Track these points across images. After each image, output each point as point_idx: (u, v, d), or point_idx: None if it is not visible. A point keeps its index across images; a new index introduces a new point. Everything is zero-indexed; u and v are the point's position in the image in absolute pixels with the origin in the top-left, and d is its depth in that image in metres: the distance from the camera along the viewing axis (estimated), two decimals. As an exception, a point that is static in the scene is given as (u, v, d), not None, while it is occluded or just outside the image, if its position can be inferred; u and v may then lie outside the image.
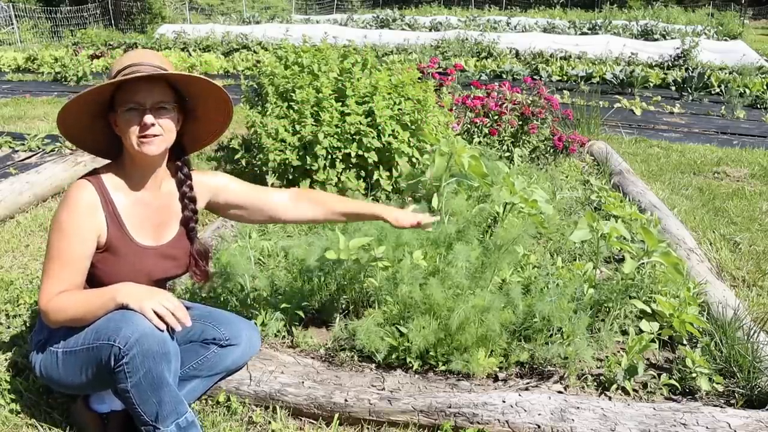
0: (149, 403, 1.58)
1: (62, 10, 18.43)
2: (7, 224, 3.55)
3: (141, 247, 1.74)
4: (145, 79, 1.64)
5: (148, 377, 1.55)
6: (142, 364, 1.53)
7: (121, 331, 1.53)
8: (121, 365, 1.54)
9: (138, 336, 1.52)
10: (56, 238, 1.63)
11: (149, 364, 1.54)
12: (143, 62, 1.66)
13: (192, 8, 23.17)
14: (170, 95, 1.70)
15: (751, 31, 21.48)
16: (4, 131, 5.70)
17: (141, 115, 1.63)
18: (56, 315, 1.61)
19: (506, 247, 2.32)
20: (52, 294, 1.61)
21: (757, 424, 1.78)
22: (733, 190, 4.50)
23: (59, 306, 1.61)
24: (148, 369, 1.54)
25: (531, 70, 10.97)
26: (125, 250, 1.71)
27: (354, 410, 1.90)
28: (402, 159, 3.51)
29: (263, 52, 12.02)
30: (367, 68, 3.90)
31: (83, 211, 1.63)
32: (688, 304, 2.37)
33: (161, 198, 1.81)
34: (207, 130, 1.89)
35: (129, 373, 1.54)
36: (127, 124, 1.64)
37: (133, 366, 1.53)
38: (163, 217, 1.81)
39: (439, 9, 24.85)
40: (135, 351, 1.52)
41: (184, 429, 1.64)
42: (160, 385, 1.57)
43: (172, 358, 1.59)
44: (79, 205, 1.64)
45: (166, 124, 1.68)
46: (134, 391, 1.56)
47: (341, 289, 2.42)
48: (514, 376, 2.15)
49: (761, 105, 8.40)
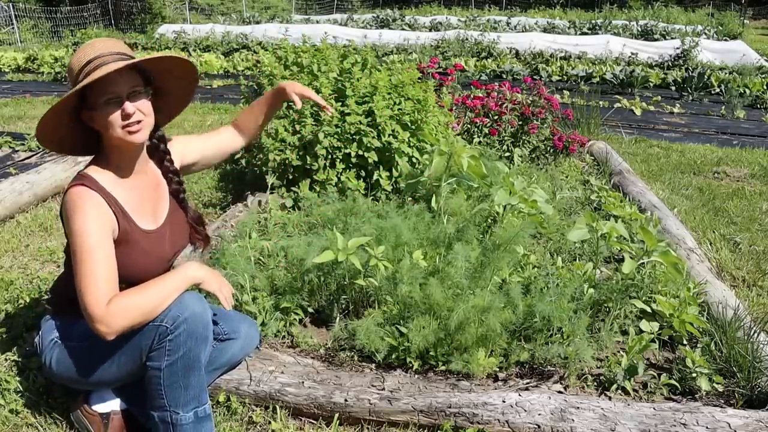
0: (176, 387, 1.60)
1: (62, 10, 18.42)
2: (7, 224, 3.55)
3: (148, 233, 1.75)
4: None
5: (186, 358, 1.58)
6: (184, 343, 1.56)
7: (171, 311, 1.56)
8: (163, 342, 1.56)
9: (187, 315, 1.56)
10: (80, 246, 1.57)
11: (191, 344, 1.57)
12: (104, 53, 1.63)
13: (192, 8, 23.17)
14: (139, 78, 1.67)
15: (751, 31, 21.47)
16: (4, 131, 5.70)
17: (119, 105, 1.62)
18: (121, 318, 1.52)
19: (506, 246, 2.32)
20: (104, 298, 1.52)
21: (757, 424, 1.78)
22: (733, 190, 4.50)
23: (124, 307, 1.53)
24: (188, 349, 1.57)
25: (531, 70, 10.97)
26: (136, 239, 1.71)
27: (354, 410, 1.90)
28: (402, 159, 3.51)
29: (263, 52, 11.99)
30: (367, 68, 3.90)
31: (94, 212, 1.61)
32: (688, 304, 2.37)
33: (149, 178, 1.82)
34: (177, 101, 1.90)
35: (169, 351, 1.56)
36: (108, 117, 1.62)
37: (176, 344, 1.56)
38: (155, 197, 1.82)
39: (439, 9, 24.83)
40: (182, 329, 1.55)
41: (200, 419, 1.65)
42: (193, 368, 1.60)
43: (209, 343, 1.65)
44: (89, 208, 1.61)
45: (145, 108, 1.67)
46: (167, 371, 1.58)
47: (341, 289, 2.42)
48: (514, 376, 2.15)
49: (761, 105, 8.40)
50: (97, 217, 1.61)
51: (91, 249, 1.57)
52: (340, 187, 3.45)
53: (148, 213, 1.78)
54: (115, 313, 1.52)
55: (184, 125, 6.11)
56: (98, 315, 1.51)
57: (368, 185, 3.53)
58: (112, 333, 1.53)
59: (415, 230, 2.58)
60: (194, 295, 1.63)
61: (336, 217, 2.91)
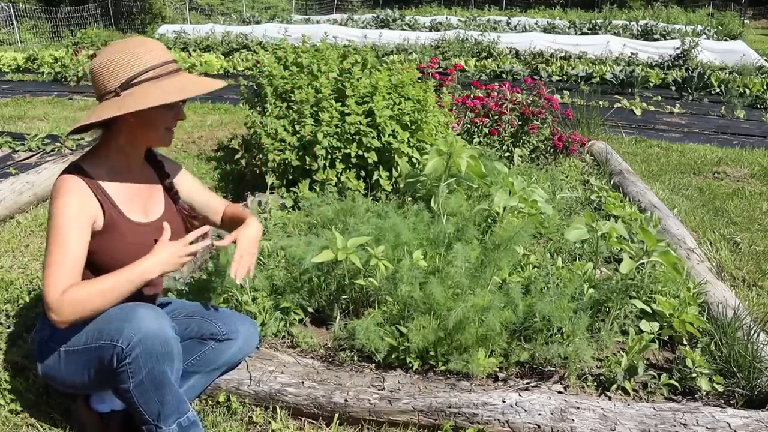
0: (151, 403, 1.59)
1: (62, 10, 18.42)
2: (7, 224, 3.55)
3: (136, 224, 1.73)
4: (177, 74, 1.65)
5: (151, 377, 1.55)
6: (145, 364, 1.53)
7: (124, 331, 1.52)
8: (123, 365, 1.54)
9: (141, 336, 1.52)
10: (53, 231, 1.58)
11: (152, 364, 1.53)
12: (167, 59, 1.65)
13: (192, 8, 23.17)
14: None
15: (751, 31, 21.47)
16: (4, 131, 5.70)
17: (172, 108, 1.67)
18: (71, 307, 1.52)
19: (505, 246, 2.32)
20: (60, 287, 1.52)
21: (757, 424, 1.78)
22: (733, 190, 4.50)
23: (76, 298, 1.52)
24: (150, 369, 1.54)
25: (531, 70, 10.97)
26: (124, 230, 1.69)
27: (354, 410, 1.90)
28: (402, 159, 3.51)
29: (263, 52, 12.01)
30: (367, 68, 3.90)
31: (75, 200, 1.60)
32: (688, 304, 2.37)
33: (144, 178, 1.81)
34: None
35: (132, 373, 1.54)
36: (160, 121, 1.67)
37: (136, 366, 1.53)
38: (148, 194, 1.81)
39: (439, 9, 24.83)
40: (138, 351, 1.52)
41: (185, 428, 1.65)
42: (163, 384, 1.57)
43: (175, 357, 1.59)
44: (70, 196, 1.60)
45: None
46: (136, 392, 1.56)
47: (341, 289, 2.42)
48: (514, 376, 2.15)
49: (761, 105, 8.40)
50: (77, 204, 1.60)
51: (63, 237, 1.57)
52: (339, 187, 3.45)
53: (139, 206, 1.77)
54: (66, 303, 1.51)
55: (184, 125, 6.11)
56: (51, 302, 1.52)
57: (368, 185, 3.53)
58: (62, 322, 1.53)
59: (415, 230, 2.58)
60: (149, 312, 1.57)
61: (335, 217, 2.91)
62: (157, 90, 1.60)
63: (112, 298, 1.56)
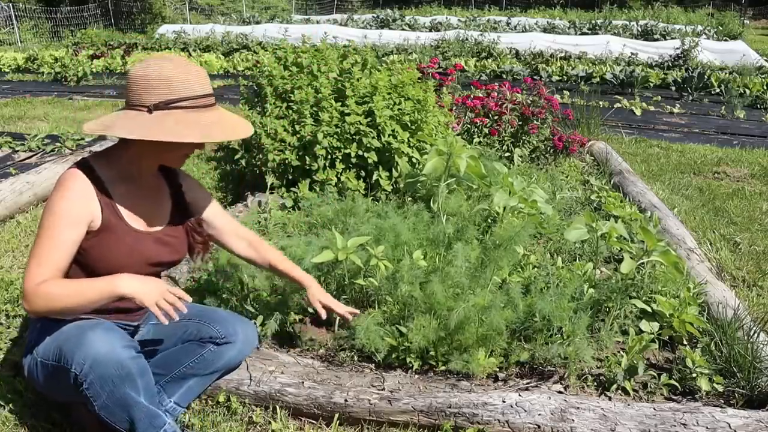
0: (122, 421, 1.60)
1: (62, 10, 18.43)
2: (7, 224, 3.55)
3: (137, 231, 1.73)
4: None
5: (113, 399, 1.56)
6: (102, 389, 1.54)
7: (75, 357, 1.53)
8: (82, 390, 1.55)
9: (91, 362, 1.52)
10: (47, 222, 1.58)
11: (110, 387, 1.54)
12: (206, 92, 1.64)
13: (192, 8, 23.17)
14: None
15: (751, 31, 21.48)
16: (4, 131, 5.70)
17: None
18: (43, 300, 1.52)
19: (505, 246, 2.32)
20: (40, 277, 1.53)
21: (757, 424, 1.78)
22: (733, 190, 4.50)
23: (49, 292, 1.52)
24: (109, 392, 1.54)
25: (531, 70, 10.97)
26: (122, 233, 1.69)
27: (354, 410, 1.90)
28: (402, 159, 3.51)
29: (263, 52, 12.02)
30: (367, 68, 3.90)
31: (76, 196, 1.60)
32: (688, 304, 2.37)
33: (153, 186, 1.81)
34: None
35: (92, 397, 1.55)
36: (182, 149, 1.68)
37: (94, 391, 1.54)
38: (155, 204, 1.81)
39: (439, 9, 24.83)
40: (91, 378, 1.53)
41: None
42: (128, 404, 1.58)
43: (137, 376, 1.57)
44: (73, 191, 1.60)
45: None
46: (104, 412, 1.58)
47: (341, 289, 2.41)
48: (514, 376, 2.15)
49: (761, 105, 8.40)
50: (76, 201, 1.60)
51: (55, 230, 1.57)
52: (339, 187, 3.45)
53: (141, 214, 1.76)
54: (39, 295, 1.52)
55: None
56: (26, 290, 1.53)
57: (368, 185, 3.53)
58: (32, 312, 1.55)
59: (415, 230, 2.58)
60: (99, 334, 1.56)
61: (335, 217, 2.91)
62: (188, 122, 1.58)
63: (84, 302, 1.54)
